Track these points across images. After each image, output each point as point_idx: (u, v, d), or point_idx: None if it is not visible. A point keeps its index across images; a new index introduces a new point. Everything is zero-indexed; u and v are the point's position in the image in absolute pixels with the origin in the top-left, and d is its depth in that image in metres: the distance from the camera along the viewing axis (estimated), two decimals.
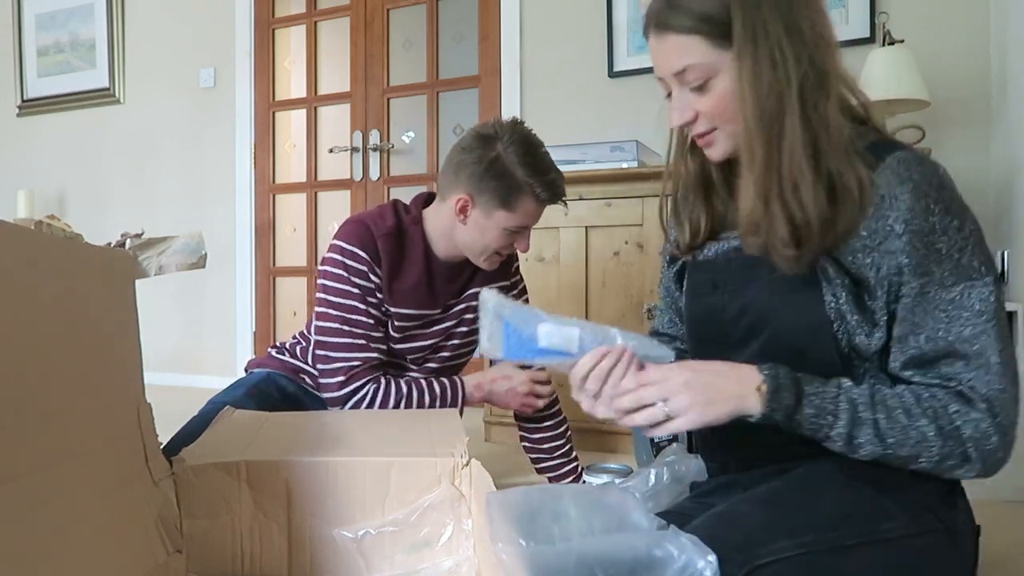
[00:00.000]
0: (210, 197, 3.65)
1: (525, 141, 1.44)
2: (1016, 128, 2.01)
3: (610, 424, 2.19)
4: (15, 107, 4.12)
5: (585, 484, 1.17)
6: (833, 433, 0.80)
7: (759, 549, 0.74)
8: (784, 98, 0.81)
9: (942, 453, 0.78)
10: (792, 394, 0.79)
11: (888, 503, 0.80)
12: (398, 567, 1.00)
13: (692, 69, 0.85)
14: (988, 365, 0.77)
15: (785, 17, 0.82)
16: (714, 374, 0.83)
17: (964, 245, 0.79)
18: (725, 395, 0.81)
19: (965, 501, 0.89)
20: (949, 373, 0.79)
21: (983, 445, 0.77)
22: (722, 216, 0.98)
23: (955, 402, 0.78)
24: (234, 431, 1.15)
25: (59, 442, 0.74)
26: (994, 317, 0.78)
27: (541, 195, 1.43)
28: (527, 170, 1.41)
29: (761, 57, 0.81)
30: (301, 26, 3.56)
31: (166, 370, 3.66)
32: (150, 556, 0.88)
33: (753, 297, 0.89)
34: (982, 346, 0.78)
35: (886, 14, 2.36)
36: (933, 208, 0.78)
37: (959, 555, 0.84)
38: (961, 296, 0.78)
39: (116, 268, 0.91)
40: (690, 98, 0.87)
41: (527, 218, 1.46)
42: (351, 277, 1.46)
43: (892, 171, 0.80)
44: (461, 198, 1.46)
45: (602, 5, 2.83)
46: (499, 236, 1.46)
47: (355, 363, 1.46)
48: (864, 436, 0.79)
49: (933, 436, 0.77)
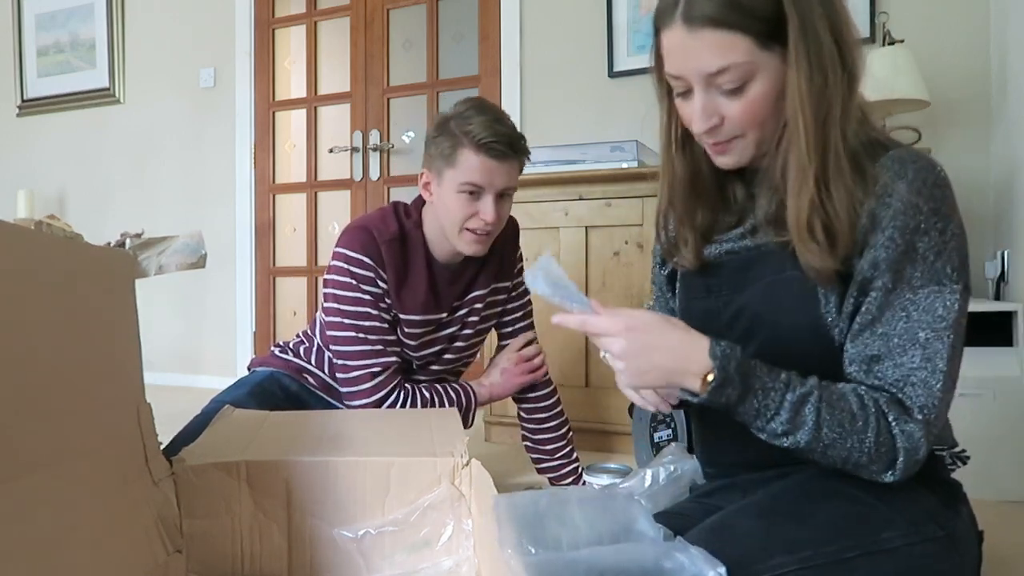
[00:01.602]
0: (210, 197, 3.65)
1: (476, 103, 1.42)
2: (1016, 128, 2.01)
3: (610, 424, 2.19)
4: (15, 107, 4.12)
5: (591, 488, 1.17)
6: (768, 427, 0.78)
7: (758, 565, 0.73)
8: (833, 100, 0.79)
9: (871, 458, 0.77)
10: (737, 391, 0.77)
11: (888, 511, 0.79)
12: (398, 567, 1.00)
13: (732, 69, 0.79)
14: (933, 372, 0.77)
15: (830, 17, 0.79)
16: (657, 344, 0.78)
17: (941, 249, 0.78)
18: (660, 369, 0.78)
19: (968, 507, 0.88)
20: (894, 376, 0.78)
21: (912, 456, 0.77)
22: (712, 220, 0.96)
23: (894, 410, 0.77)
24: (234, 431, 1.15)
25: (59, 442, 0.74)
26: (952, 326, 0.77)
27: (480, 141, 1.37)
28: (469, 124, 1.38)
29: (814, 58, 0.78)
30: (301, 26, 3.56)
31: (166, 370, 3.66)
32: (150, 556, 0.88)
33: (748, 300, 0.88)
34: (933, 351, 0.77)
35: (886, 14, 2.36)
36: (922, 207, 0.77)
37: (962, 562, 0.83)
38: (927, 299, 0.78)
39: (116, 268, 0.91)
40: (719, 102, 0.82)
41: (472, 173, 1.39)
42: (360, 284, 1.46)
43: (888, 168, 0.79)
44: (422, 173, 1.48)
45: (602, 5, 2.83)
46: (457, 203, 1.42)
47: (376, 369, 1.47)
48: (801, 435, 0.77)
49: (871, 443, 0.76)
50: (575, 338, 2.24)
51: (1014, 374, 1.70)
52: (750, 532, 0.78)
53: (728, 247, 0.93)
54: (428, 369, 1.61)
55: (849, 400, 0.78)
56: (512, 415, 1.88)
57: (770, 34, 0.78)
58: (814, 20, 0.78)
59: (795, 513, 0.80)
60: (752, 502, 0.86)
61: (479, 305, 1.59)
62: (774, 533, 0.77)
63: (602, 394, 2.21)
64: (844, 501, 0.80)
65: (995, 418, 1.69)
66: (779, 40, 0.79)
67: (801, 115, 0.79)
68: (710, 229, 0.96)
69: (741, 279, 0.90)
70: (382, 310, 1.48)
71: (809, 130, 0.79)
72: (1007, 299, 2.01)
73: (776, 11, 0.78)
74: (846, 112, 0.81)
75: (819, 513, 0.79)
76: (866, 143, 0.83)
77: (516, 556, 0.68)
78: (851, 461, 0.78)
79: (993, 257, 2.17)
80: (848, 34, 0.81)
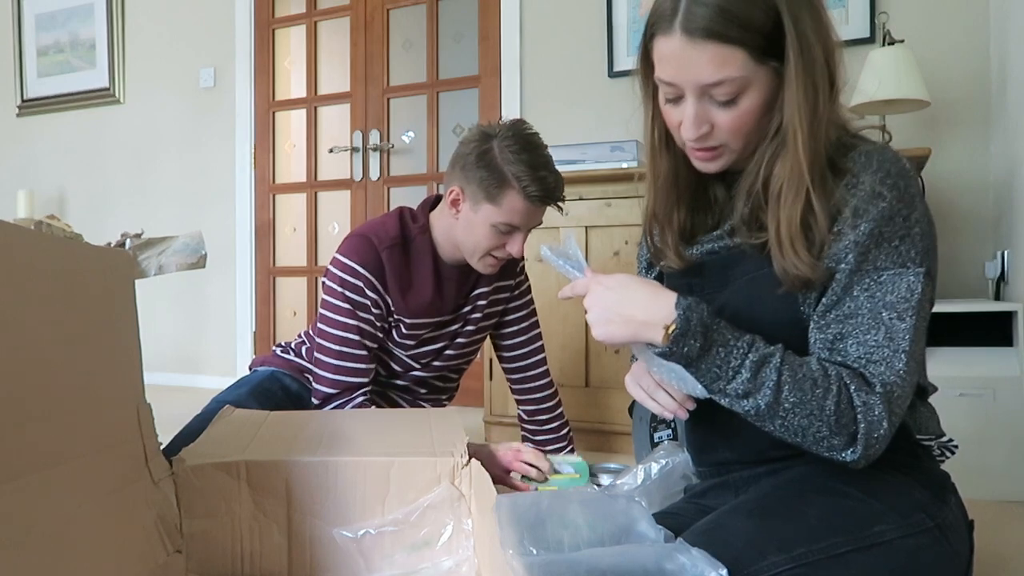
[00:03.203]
0: (210, 197, 3.65)
1: (522, 138, 1.41)
2: (1016, 128, 2.01)
3: (610, 424, 2.19)
4: (15, 107, 4.12)
5: (591, 489, 1.17)
6: (729, 388, 0.79)
7: (751, 566, 0.74)
8: (823, 111, 0.81)
9: (832, 429, 0.77)
10: (698, 343, 0.78)
11: (878, 505, 0.80)
12: (398, 567, 1.00)
13: (728, 83, 0.80)
14: (896, 351, 0.78)
15: (819, 31, 0.81)
16: (626, 298, 0.82)
17: (905, 234, 0.80)
18: (625, 319, 0.81)
19: (956, 497, 0.89)
20: (856, 353, 0.79)
21: (872, 431, 0.76)
22: (691, 220, 0.97)
23: (855, 382, 0.78)
24: (234, 431, 1.15)
25: (59, 442, 0.74)
26: (916, 308, 0.79)
27: (529, 190, 1.39)
28: (517, 165, 1.38)
29: (808, 73, 0.80)
30: (301, 26, 3.56)
31: (166, 370, 3.66)
32: (150, 556, 0.88)
33: (729, 299, 0.89)
34: (895, 331, 0.78)
35: (886, 14, 2.36)
36: (886, 194, 0.79)
37: (953, 551, 0.84)
38: (888, 282, 0.79)
39: (116, 268, 0.91)
40: (710, 111, 0.83)
41: (514, 215, 1.41)
42: (345, 292, 1.47)
43: (855, 162, 0.82)
44: (453, 190, 1.46)
45: (602, 5, 2.83)
46: (488, 234, 1.43)
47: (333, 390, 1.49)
48: (761, 397, 0.78)
49: (831, 411, 0.76)
50: (575, 338, 2.24)
51: (1014, 374, 1.70)
52: (743, 532, 0.78)
53: (709, 247, 0.94)
54: (430, 366, 1.61)
55: (811, 367, 0.79)
56: (512, 415, 1.88)
57: (766, 49, 0.80)
58: (808, 35, 0.80)
59: (786, 511, 0.81)
60: (743, 501, 0.86)
61: (482, 302, 1.60)
62: (766, 532, 0.78)
63: (602, 394, 2.21)
64: (834, 497, 0.81)
65: (995, 418, 1.69)
66: (774, 55, 0.81)
67: (800, 130, 0.81)
68: (690, 230, 0.97)
69: (722, 278, 0.91)
70: (363, 320, 1.48)
71: (805, 144, 0.81)
72: (1007, 299, 2.01)
73: (775, 27, 0.79)
74: (830, 121, 0.83)
75: (810, 510, 0.80)
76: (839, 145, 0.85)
77: (517, 557, 0.68)
78: (811, 431, 0.77)
79: (993, 257, 2.17)
80: (832, 43, 0.83)
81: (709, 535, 0.79)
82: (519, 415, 1.74)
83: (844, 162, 0.83)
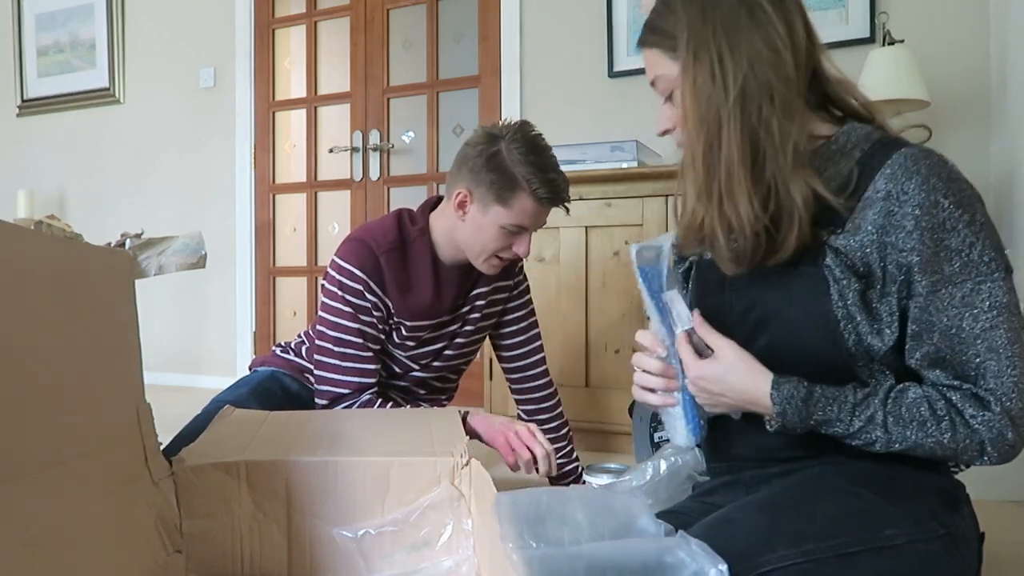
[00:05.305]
0: (210, 197, 3.65)
1: (530, 140, 1.43)
2: (1016, 128, 2.01)
3: (610, 424, 2.19)
4: (15, 107, 4.12)
5: (592, 487, 1.17)
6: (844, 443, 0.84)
7: (759, 558, 0.74)
8: (722, 110, 0.83)
9: (957, 453, 0.80)
10: (802, 427, 0.83)
11: (891, 509, 0.80)
12: (398, 567, 1.00)
13: (659, 80, 0.91)
14: (1000, 360, 0.78)
15: (729, 32, 0.83)
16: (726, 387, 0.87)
17: (975, 240, 0.79)
18: (727, 405, 0.89)
19: (969, 507, 0.89)
20: (963, 372, 0.79)
21: (999, 442, 0.78)
22: None
23: (971, 405, 0.78)
24: (234, 431, 1.15)
25: (59, 442, 0.74)
26: (1004, 311, 0.78)
27: (539, 192, 1.41)
28: (527, 167, 1.40)
29: (700, 70, 0.84)
30: (301, 26, 3.56)
31: (166, 370, 3.66)
32: (150, 556, 0.88)
33: (760, 294, 0.89)
34: (993, 342, 0.78)
35: (886, 14, 2.36)
36: (943, 203, 0.78)
37: (963, 562, 0.83)
38: (971, 293, 0.78)
39: (116, 268, 0.91)
40: (665, 108, 0.93)
41: (524, 217, 1.43)
42: (344, 295, 1.48)
43: (899, 166, 0.80)
44: (460, 192, 1.45)
45: (602, 5, 2.83)
46: (496, 235, 1.45)
47: (343, 390, 1.48)
48: (878, 448, 0.82)
49: (948, 441, 0.79)
50: (575, 338, 2.24)
51: None
52: (752, 525, 0.79)
53: None
54: (430, 367, 1.61)
55: (920, 410, 0.80)
56: (512, 415, 1.88)
57: (675, 48, 0.88)
58: (706, 35, 0.85)
59: (798, 508, 0.80)
60: (754, 498, 0.86)
61: (481, 302, 1.60)
62: (777, 526, 0.78)
63: (602, 394, 2.21)
64: (847, 498, 0.81)
65: None
66: None
67: (686, 121, 0.87)
68: None
69: (753, 273, 0.91)
70: (365, 323, 1.48)
71: (691, 136, 0.87)
72: None
73: (676, 28, 0.87)
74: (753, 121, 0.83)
75: (822, 509, 0.80)
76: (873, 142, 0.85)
77: (517, 550, 0.68)
78: (939, 455, 0.81)
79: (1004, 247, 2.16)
80: (762, 45, 0.83)
81: (717, 528, 0.79)
82: (519, 415, 1.74)
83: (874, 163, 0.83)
